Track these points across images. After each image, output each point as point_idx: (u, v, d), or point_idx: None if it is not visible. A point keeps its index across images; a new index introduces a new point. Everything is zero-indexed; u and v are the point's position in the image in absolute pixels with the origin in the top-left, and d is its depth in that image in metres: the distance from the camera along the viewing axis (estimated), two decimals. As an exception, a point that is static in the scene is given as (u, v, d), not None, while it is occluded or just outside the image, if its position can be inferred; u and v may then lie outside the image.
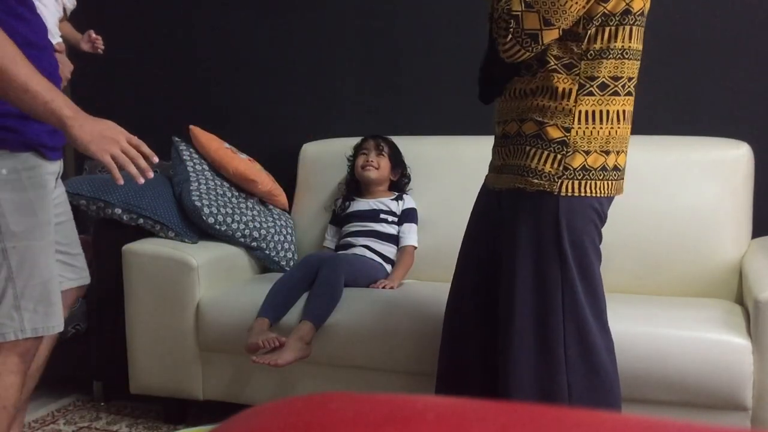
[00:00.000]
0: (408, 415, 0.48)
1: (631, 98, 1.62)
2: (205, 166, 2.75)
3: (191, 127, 2.81)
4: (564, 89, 1.55)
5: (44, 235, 1.60)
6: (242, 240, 2.66)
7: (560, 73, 1.55)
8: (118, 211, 2.52)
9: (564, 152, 1.55)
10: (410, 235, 2.63)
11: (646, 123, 2.69)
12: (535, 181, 1.57)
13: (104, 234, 2.56)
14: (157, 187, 2.67)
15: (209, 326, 2.36)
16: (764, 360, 1.85)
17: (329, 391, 2.11)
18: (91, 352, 2.60)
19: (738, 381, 1.85)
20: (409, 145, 2.77)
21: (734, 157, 2.42)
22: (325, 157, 2.94)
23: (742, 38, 2.58)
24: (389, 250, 2.62)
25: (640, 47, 1.59)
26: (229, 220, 2.63)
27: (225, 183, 2.75)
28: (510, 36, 1.50)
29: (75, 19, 2.55)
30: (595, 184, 1.56)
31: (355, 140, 2.81)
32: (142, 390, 2.49)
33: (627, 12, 1.52)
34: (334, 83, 3.11)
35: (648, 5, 1.58)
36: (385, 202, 2.68)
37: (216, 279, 2.49)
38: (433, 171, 2.75)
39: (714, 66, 2.61)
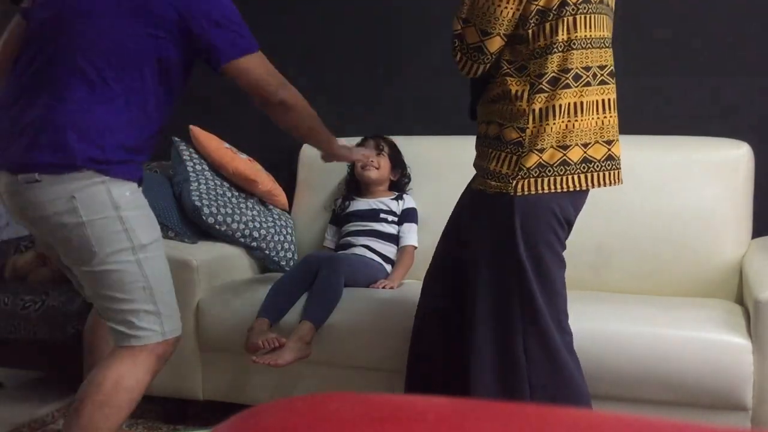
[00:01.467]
0: (408, 415, 0.48)
1: (593, 87, 1.58)
2: (205, 166, 2.75)
3: (191, 127, 2.81)
4: (517, 91, 1.57)
5: (162, 246, 1.83)
6: (242, 240, 2.66)
7: (513, 76, 1.58)
8: (118, 211, 2.51)
9: (519, 153, 1.56)
10: (410, 234, 2.63)
11: (646, 123, 2.69)
12: (493, 183, 1.60)
13: (104, 234, 2.56)
14: (157, 187, 2.67)
15: (209, 326, 2.36)
16: (764, 360, 1.84)
17: (329, 391, 2.11)
18: (91, 352, 2.59)
19: (738, 381, 1.85)
20: (409, 145, 2.77)
21: (734, 157, 2.42)
22: (327, 163, 2.94)
23: (742, 38, 2.58)
24: (389, 249, 2.62)
25: (596, 34, 1.57)
26: (229, 220, 2.63)
27: (225, 183, 2.75)
28: (459, 54, 1.59)
29: None
30: (554, 180, 1.55)
31: (356, 140, 2.81)
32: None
33: (564, 4, 1.52)
34: (334, 83, 3.11)
35: None
36: (385, 201, 2.68)
37: (216, 279, 2.49)
38: (433, 171, 2.75)
39: (714, 66, 2.61)
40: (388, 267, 2.59)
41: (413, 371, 1.92)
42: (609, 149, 1.60)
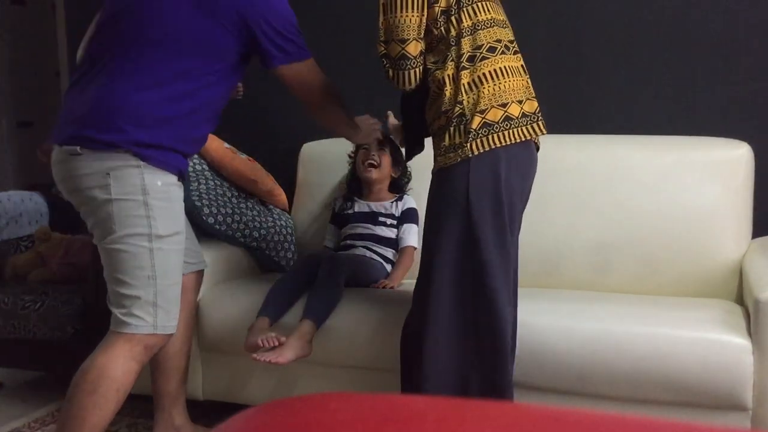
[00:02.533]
0: (408, 415, 0.48)
1: (509, 56, 1.81)
2: (205, 166, 2.75)
3: (191, 127, 2.81)
4: (446, 77, 1.77)
5: (181, 242, 1.87)
6: (242, 240, 2.66)
7: (439, 69, 1.78)
8: (118, 211, 2.52)
9: (465, 121, 1.74)
10: (410, 236, 2.63)
11: (646, 123, 2.69)
12: (451, 155, 1.76)
13: (104, 234, 2.56)
14: (157, 187, 2.67)
15: (209, 326, 2.36)
16: (764, 360, 1.84)
17: (329, 391, 2.11)
18: (91, 352, 2.59)
19: (738, 381, 1.85)
20: (408, 145, 2.77)
21: (734, 157, 2.42)
22: (325, 157, 2.94)
23: (742, 38, 2.58)
24: (389, 253, 2.62)
25: (495, 16, 1.81)
26: (229, 220, 2.63)
27: (225, 183, 2.75)
28: (390, 71, 1.80)
29: (77, 15, 2.54)
30: (504, 134, 1.74)
31: (356, 140, 2.81)
32: (143, 390, 2.48)
33: (458, 0, 1.76)
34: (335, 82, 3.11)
35: None
36: (384, 205, 2.67)
37: (216, 279, 2.49)
38: (429, 171, 2.74)
39: (714, 66, 2.61)
40: (389, 267, 2.59)
41: (406, 372, 1.92)
42: (537, 105, 1.83)
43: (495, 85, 1.75)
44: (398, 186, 2.74)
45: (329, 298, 2.24)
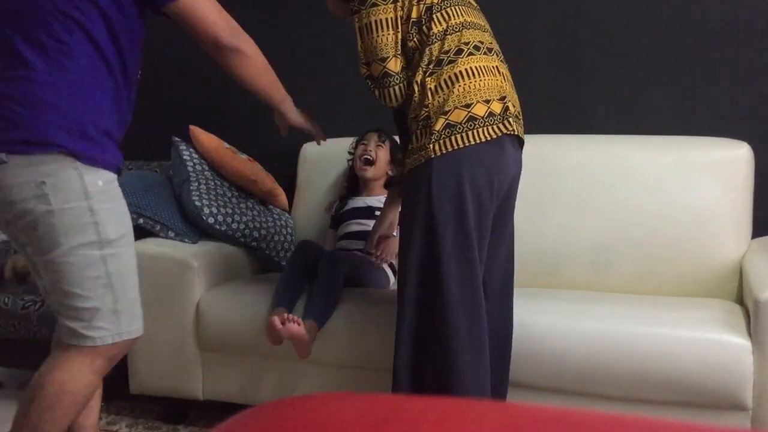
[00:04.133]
0: (408, 415, 0.48)
1: (479, 56, 1.80)
2: (205, 166, 2.75)
3: (191, 127, 2.81)
4: (416, 83, 1.78)
5: (131, 240, 1.71)
6: (242, 240, 2.66)
7: (412, 77, 1.79)
8: (118, 211, 2.52)
9: (429, 123, 1.75)
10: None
11: (646, 123, 2.69)
12: (416, 156, 1.77)
13: (104, 234, 2.56)
14: (157, 187, 2.67)
15: (209, 326, 2.36)
16: (764, 360, 1.85)
17: (329, 391, 2.11)
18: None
19: (738, 381, 1.85)
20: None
21: (734, 157, 2.42)
22: (325, 157, 2.94)
23: (742, 38, 2.58)
24: None
25: (467, 19, 1.83)
26: (229, 220, 2.63)
27: (225, 183, 2.75)
28: (376, 91, 1.83)
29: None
30: (467, 134, 1.73)
31: (355, 139, 2.81)
32: (142, 390, 2.49)
33: (430, 7, 1.79)
34: (334, 83, 3.11)
35: None
36: (380, 198, 2.67)
37: (216, 279, 2.49)
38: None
39: (714, 66, 2.61)
40: (385, 265, 2.58)
41: None
42: (505, 104, 1.80)
43: (461, 86, 1.75)
44: (394, 184, 2.72)
45: (329, 299, 2.24)
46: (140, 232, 2.55)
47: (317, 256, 2.35)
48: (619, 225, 2.45)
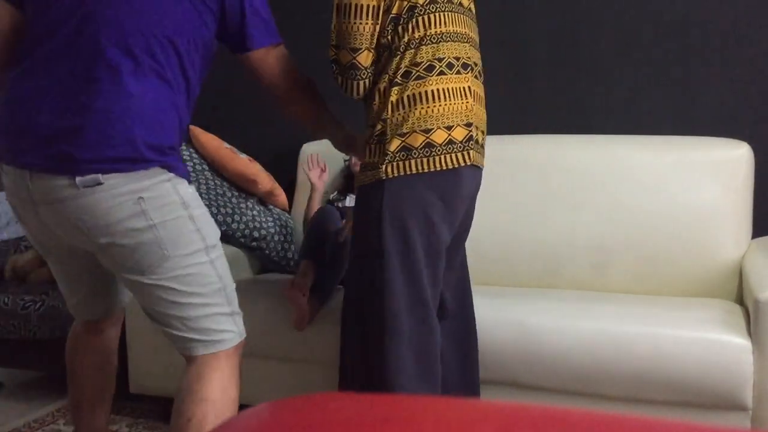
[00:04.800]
0: (408, 415, 0.48)
1: (450, 76, 1.69)
2: (205, 166, 2.75)
3: (191, 127, 2.81)
4: (379, 89, 1.70)
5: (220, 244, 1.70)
6: (242, 240, 2.66)
7: (377, 80, 1.71)
8: (118, 211, 2.52)
9: (383, 141, 1.67)
10: None
11: (646, 123, 2.69)
12: (369, 173, 1.70)
13: (104, 234, 2.56)
14: (157, 187, 2.67)
15: (209, 326, 2.36)
16: (764, 360, 1.85)
17: (329, 391, 2.11)
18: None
19: (738, 381, 1.85)
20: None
21: (734, 157, 2.42)
22: (325, 157, 2.94)
23: (742, 38, 2.58)
24: None
25: (449, 29, 1.70)
26: (229, 220, 2.63)
27: (225, 183, 2.75)
28: (339, 78, 1.73)
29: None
30: (422, 161, 1.65)
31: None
32: (142, 390, 2.49)
33: (413, 7, 1.67)
34: (333, 83, 3.11)
35: None
36: None
37: (216, 279, 2.48)
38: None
39: (714, 66, 2.61)
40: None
41: None
42: (470, 131, 1.70)
43: (423, 108, 1.65)
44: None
45: (332, 281, 2.29)
46: (140, 232, 2.55)
47: (330, 231, 2.39)
48: (619, 225, 2.45)
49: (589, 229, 2.48)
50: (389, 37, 1.68)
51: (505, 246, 2.55)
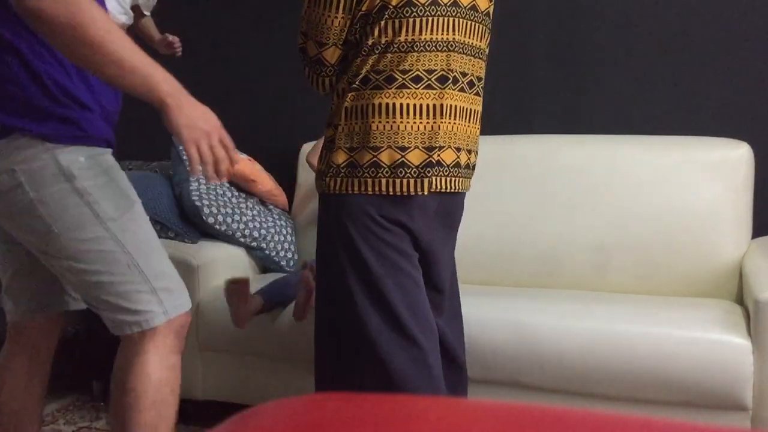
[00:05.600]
0: (408, 415, 0.48)
1: (412, 90, 1.50)
2: (205, 166, 2.75)
3: (191, 127, 2.81)
4: (338, 89, 1.57)
5: (142, 212, 1.53)
6: (242, 240, 2.66)
7: (339, 77, 1.57)
8: (118, 211, 2.52)
9: (332, 149, 1.54)
10: None
11: (646, 123, 2.69)
12: (318, 182, 1.58)
13: (104, 234, 2.56)
14: (157, 187, 2.67)
15: (209, 326, 2.36)
16: (764, 360, 1.85)
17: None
18: (91, 352, 2.60)
19: (738, 381, 1.85)
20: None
21: (734, 157, 2.42)
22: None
23: (742, 38, 2.58)
24: None
25: (425, 37, 1.50)
26: (229, 220, 2.63)
27: (225, 183, 2.75)
28: (306, 69, 1.59)
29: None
30: (366, 181, 1.49)
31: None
32: (142, 390, 2.49)
33: (384, 7, 1.48)
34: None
35: None
36: None
37: (216, 279, 2.49)
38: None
39: (714, 66, 2.61)
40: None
41: None
42: (430, 156, 1.52)
43: (374, 122, 1.49)
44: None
45: (282, 291, 2.29)
46: (140, 232, 2.55)
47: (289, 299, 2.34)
48: (619, 225, 2.45)
49: (589, 229, 2.48)
50: (357, 35, 1.52)
51: (505, 246, 2.55)
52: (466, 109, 1.58)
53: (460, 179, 1.60)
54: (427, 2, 1.49)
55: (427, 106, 1.50)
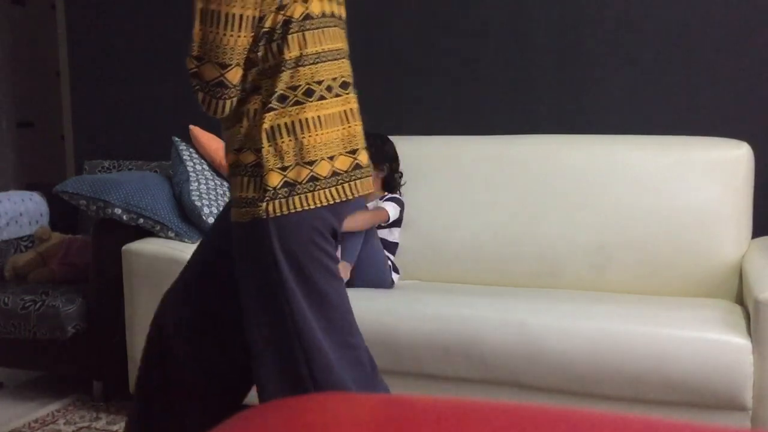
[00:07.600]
0: (408, 415, 0.48)
1: (330, 100, 1.54)
2: (205, 166, 2.75)
3: (191, 127, 2.81)
4: (248, 111, 1.52)
5: None
6: (242, 240, 2.66)
7: (245, 98, 1.53)
8: (118, 211, 2.52)
9: (261, 174, 1.50)
10: (386, 203, 2.59)
11: (646, 123, 2.69)
12: (244, 210, 1.53)
13: (104, 234, 2.56)
14: (157, 187, 2.67)
15: (209, 326, 2.36)
16: (764, 360, 1.85)
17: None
18: (91, 352, 2.60)
19: (738, 381, 1.85)
20: (404, 145, 2.77)
21: (734, 157, 2.42)
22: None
23: (742, 38, 2.58)
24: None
25: (327, 47, 1.54)
26: (229, 220, 2.63)
27: (225, 183, 2.75)
28: (201, 94, 1.50)
29: (77, 14, 2.54)
30: (306, 197, 1.51)
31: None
32: (142, 390, 2.48)
33: (287, 22, 1.49)
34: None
35: (326, 7, 1.55)
36: (369, 205, 2.63)
37: (216, 279, 2.48)
38: (429, 170, 2.75)
39: (714, 66, 2.61)
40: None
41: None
42: (355, 159, 1.57)
43: (305, 138, 1.51)
44: (390, 186, 2.68)
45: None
46: (140, 232, 2.55)
47: None
48: (619, 225, 2.45)
49: (589, 229, 2.48)
50: (260, 53, 1.50)
51: (506, 246, 2.55)
52: (358, 109, 1.64)
53: (369, 178, 1.66)
54: (319, 14, 1.53)
55: (342, 112, 1.56)
